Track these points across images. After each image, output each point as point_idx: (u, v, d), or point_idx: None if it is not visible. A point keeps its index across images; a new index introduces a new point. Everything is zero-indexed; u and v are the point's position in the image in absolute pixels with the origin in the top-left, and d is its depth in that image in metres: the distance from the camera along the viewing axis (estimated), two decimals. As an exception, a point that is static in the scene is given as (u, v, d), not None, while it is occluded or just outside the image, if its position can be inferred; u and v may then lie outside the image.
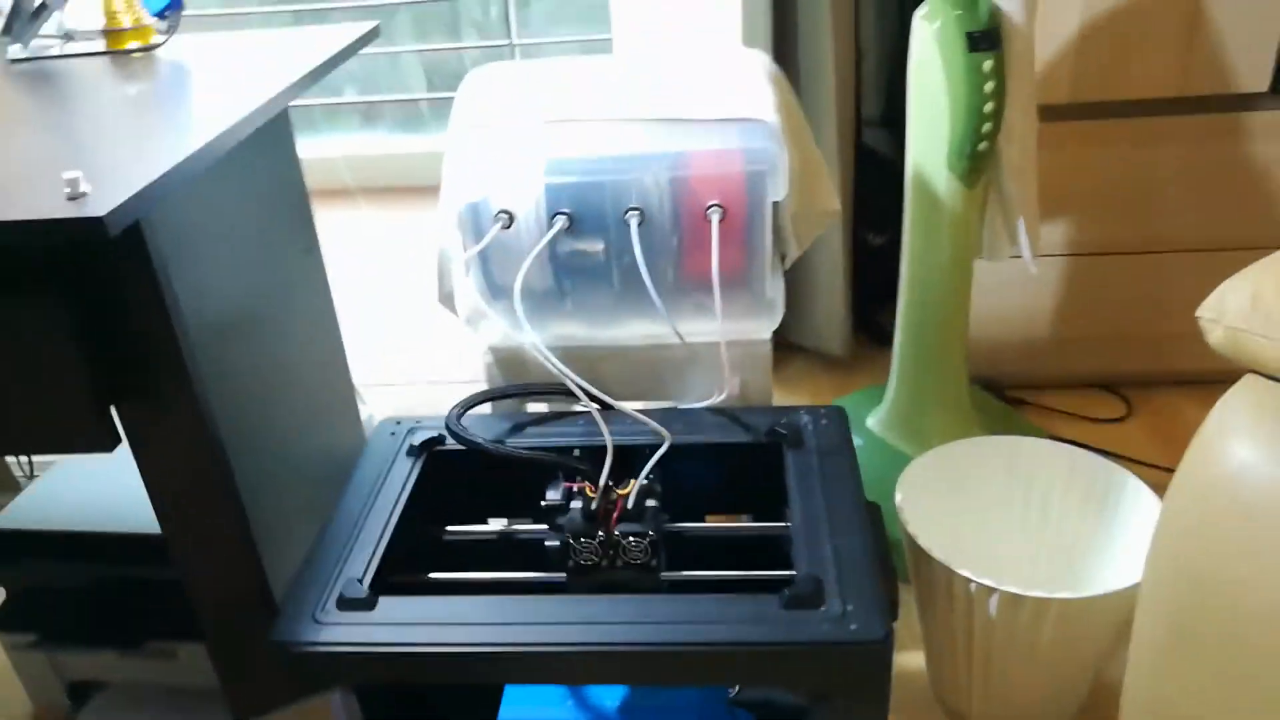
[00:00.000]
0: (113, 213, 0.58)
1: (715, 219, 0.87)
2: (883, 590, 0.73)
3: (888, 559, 0.79)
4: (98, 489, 1.09)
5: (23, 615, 1.07)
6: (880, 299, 1.67)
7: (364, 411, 1.18)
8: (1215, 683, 0.74)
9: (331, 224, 1.03)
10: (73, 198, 0.60)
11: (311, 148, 2.40)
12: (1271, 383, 0.73)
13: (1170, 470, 0.77)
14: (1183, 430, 1.46)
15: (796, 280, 1.61)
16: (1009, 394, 1.54)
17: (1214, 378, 0.78)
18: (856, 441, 0.90)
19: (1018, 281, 1.48)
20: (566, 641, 0.70)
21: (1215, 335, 0.76)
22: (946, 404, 1.31)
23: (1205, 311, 0.77)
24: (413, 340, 1.86)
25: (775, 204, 0.91)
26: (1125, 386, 1.55)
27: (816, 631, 0.69)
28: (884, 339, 1.68)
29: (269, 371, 0.87)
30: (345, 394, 1.07)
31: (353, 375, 1.13)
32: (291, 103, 0.86)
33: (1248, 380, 0.75)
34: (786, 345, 1.68)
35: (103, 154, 0.69)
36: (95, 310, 0.67)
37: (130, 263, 0.65)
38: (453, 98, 0.97)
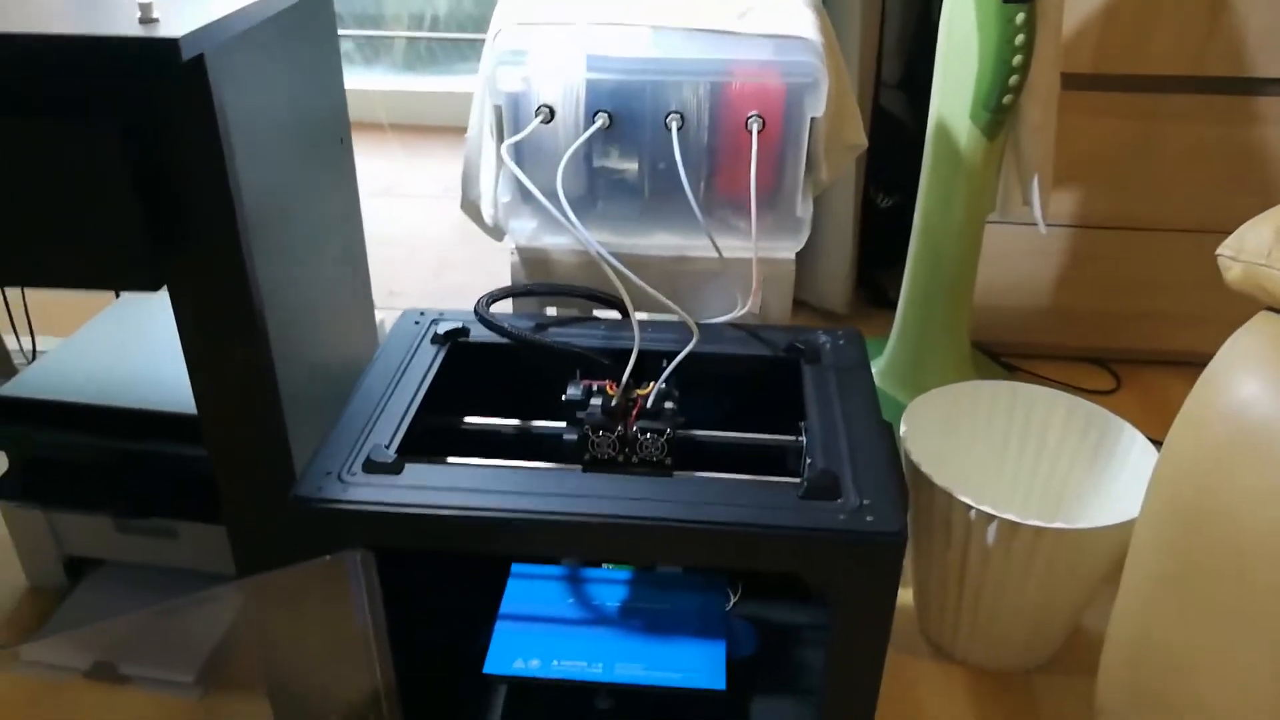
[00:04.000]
0: (187, 37, 0.59)
1: (755, 129, 0.88)
2: (899, 493, 0.75)
3: (900, 470, 0.81)
4: (107, 365, 1.09)
5: (24, 484, 1.06)
6: (883, 260, 1.70)
7: (377, 316, 1.18)
8: (1205, 618, 0.77)
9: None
10: (145, 20, 0.60)
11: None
12: (1286, 319, 0.75)
13: (1156, 441, 0.79)
14: (1170, 407, 1.49)
15: (803, 235, 1.63)
16: (1002, 360, 1.57)
17: (1205, 360, 0.80)
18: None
19: (1020, 250, 1.50)
20: (588, 513, 0.71)
21: (1233, 272, 0.78)
22: (947, 358, 1.34)
23: (1224, 250, 0.79)
24: (415, 264, 1.87)
25: (812, 124, 0.92)
26: (1116, 362, 1.59)
27: (833, 521, 0.71)
28: (883, 300, 1.71)
29: (302, 248, 0.88)
30: (364, 291, 1.08)
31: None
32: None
33: (1263, 316, 0.78)
34: (788, 299, 1.70)
35: (163, -4, 0.69)
36: (152, 148, 0.67)
37: (191, 98, 0.65)
38: (461, 39, 0.98)
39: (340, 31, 2.50)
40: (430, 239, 1.97)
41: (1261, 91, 1.37)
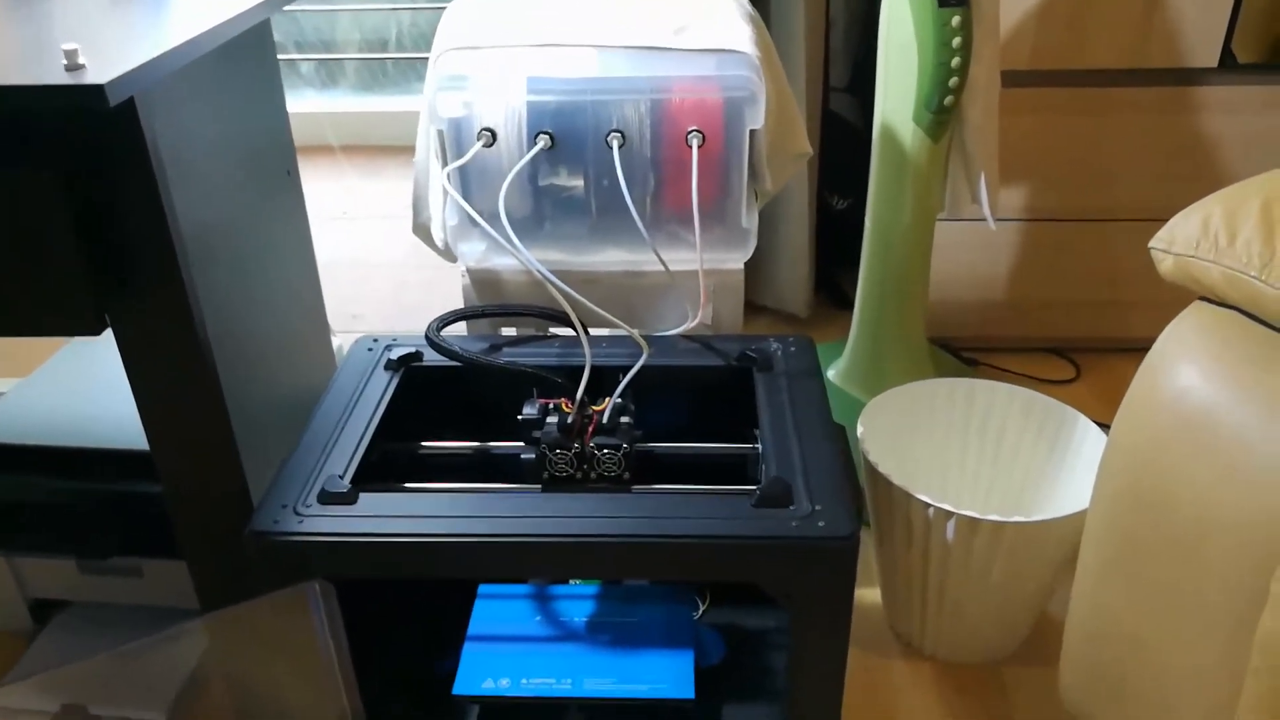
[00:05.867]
0: (112, 82, 0.59)
1: (695, 144, 0.90)
2: (850, 496, 0.76)
3: (853, 473, 0.82)
4: (65, 405, 1.08)
5: (-14, 530, 1.06)
6: (841, 262, 1.71)
7: (335, 341, 1.18)
8: (1154, 598, 0.79)
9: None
10: (71, 68, 0.60)
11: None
12: (1219, 308, 0.77)
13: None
14: (1127, 393, 1.52)
15: (761, 241, 1.64)
16: (963, 355, 1.59)
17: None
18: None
19: (975, 245, 1.52)
20: (544, 533, 0.72)
21: (1166, 264, 0.80)
22: (905, 356, 1.35)
23: (1156, 243, 0.81)
24: (374, 286, 1.87)
25: (753, 135, 0.93)
26: (1075, 351, 1.61)
27: (785, 528, 0.72)
28: (843, 301, 1.73)
29: (249, 281, 0.88)
30: (318, 319, 1.08)
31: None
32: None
33: (1196, 306, 0.79)
34: (748, 304, 1.71)
35: (93, 39, 0.69)
36: (88, 193, 0.68)
37: (124, 141, 0.66)
38: (413, 58, 0.98)
39: (288, 56, 2.48)
40: (390, 260, 1.97)
41: (1200, 81, 1.39)
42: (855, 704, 1.04)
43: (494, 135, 0.92)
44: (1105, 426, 1.13)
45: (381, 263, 1.96)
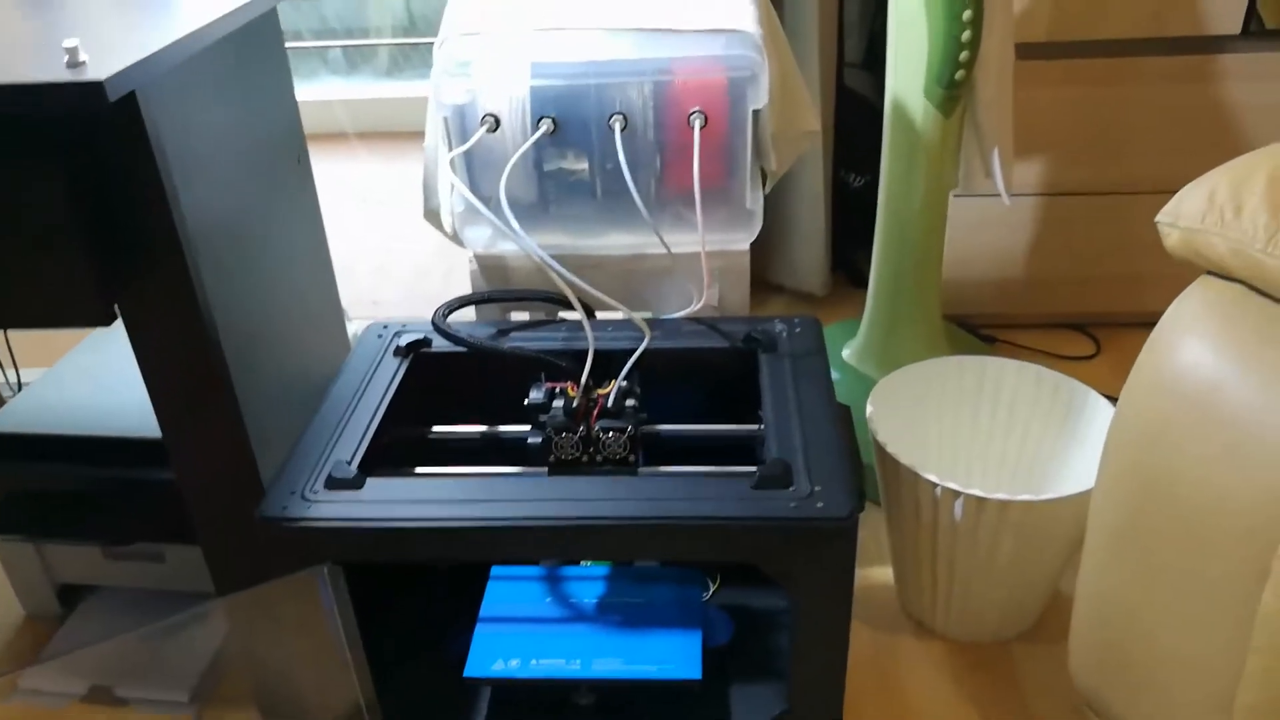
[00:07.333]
0: (112, 78, 0.60)
1: (698, 125, 0.89)
2: (851, 477, 0.76)
3: (856, 453, 0.82)
4: (87, 395, 1.10)
5: (13, 517, 1.08)
6: (858, 240, 1.70)
7: (350, 328, 1.20)
8: (1161, 577, 0.78)
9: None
10: (72, 65, 0.62)
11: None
12: (1225, 283, 0.76)
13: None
14: (1149, 368, 1.50)
15: (777, 220, 1.63)
16: (981, 332, 1.57)
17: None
18: (832, 375, 0.94)
19: (991, 221, 1.51)
20: (548, 516, 0.73)
21: (1172, 239, 0.79)
22: (919, 334, 1.34)
23: (1163, 217, 0.80)
24: (394, 273, 1.88)
25: (756, 115, 0.93)
26: (1095, 326, 1.59)
27: (783, 509, 0.72)
28: (861, 280, 1.72)
29: (258, 269, 0.89)
30: (331, 304, 1.09)
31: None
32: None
33: (1203, 280, 0.78)
34: (765, 284, 1.71)
35: (94, 34, 0.70)
36: (95, 186, 0.69)
37: (126, 135, 0.67)
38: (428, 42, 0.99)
39: (296, 44, 2.48)
40: (412, 247, 1.98)
41: (1222, 49, 1.37)
42: (866, 682, 1.05)
43: (498, 121, 0.92)
44: (1113, 405, 1.12)
45: (403, 250, 1.97)
